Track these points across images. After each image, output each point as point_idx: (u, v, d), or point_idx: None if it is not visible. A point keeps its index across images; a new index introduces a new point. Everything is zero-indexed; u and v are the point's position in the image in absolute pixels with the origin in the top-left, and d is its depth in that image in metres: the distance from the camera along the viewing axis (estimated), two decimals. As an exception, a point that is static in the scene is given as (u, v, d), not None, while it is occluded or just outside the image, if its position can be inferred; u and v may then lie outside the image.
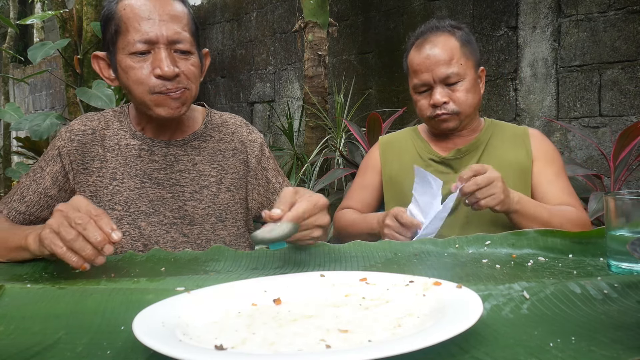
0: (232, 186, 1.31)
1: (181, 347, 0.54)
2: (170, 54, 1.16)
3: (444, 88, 1.39)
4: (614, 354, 0.53)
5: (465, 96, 1.39)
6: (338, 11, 4.17)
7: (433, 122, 1.44)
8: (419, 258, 0.99)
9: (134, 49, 1.14)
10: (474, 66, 1.43)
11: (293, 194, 0.94)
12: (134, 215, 1.24)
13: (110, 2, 1.20)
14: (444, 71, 1.37)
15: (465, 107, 1.40)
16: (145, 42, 1.14)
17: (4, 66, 8.50)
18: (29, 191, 1.26)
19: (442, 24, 1.44)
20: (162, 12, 1.15)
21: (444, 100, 1.38)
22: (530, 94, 3.07)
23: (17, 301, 0.78)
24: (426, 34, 1.43)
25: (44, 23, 9.41)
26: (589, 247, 0.97)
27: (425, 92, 1.42)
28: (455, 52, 1.39)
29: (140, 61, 1.15)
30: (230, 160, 1.33)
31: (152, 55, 1.15)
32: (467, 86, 1.40)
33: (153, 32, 1.14)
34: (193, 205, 1.27)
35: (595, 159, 2.82)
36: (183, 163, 1.29)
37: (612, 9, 2.74)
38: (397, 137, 1.61)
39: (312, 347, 0.56)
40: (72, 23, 3.89)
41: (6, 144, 6.40)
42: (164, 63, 1.14)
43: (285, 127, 4.15)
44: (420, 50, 1.41)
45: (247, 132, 1.38)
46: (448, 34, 1.41)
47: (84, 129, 1.29)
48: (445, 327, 0.55)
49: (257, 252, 1.09)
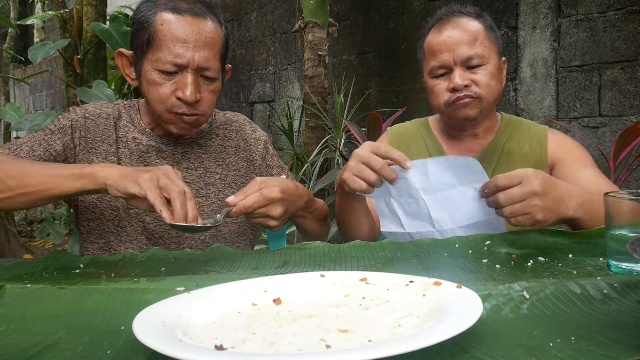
0: (234, 183, 1.33)
1: (181, 347, 0.54)
2: (196, 79, 1.16)
3: (465, 71, 1.25)
4: (614, 353, 0.53)
5: (489, 80, 1.25)
6: (338, 11, 4.17)
7: (450, 109, 1.28)
8: (419, 258, 0.99)
9: (162, 68, 1.14)
10: (497, 53, 1.30)
11: (258, 183, 1.05)
12: (138, 209, 1.23)
13: (147, 9, 1.18)
14: (466, 51, 1.24)
15: (487, 91, 1.25)
16: (176, 65, 1.14)
17: (4, 66, 8.50)
18: (40, 147, 1.20)
19: (465, 8, 1.32)
20: (198, 37, 1.14)
21: (465, 83, 1.24)
22: (530, 94, 3.07)
23: (17, 301, 0.78)
24: (448, 15, 1.30)
25: (44, 23, 9.42)
26: (589, 247, 0.97)
27: (443, 77, 1.28)
28: (480, 33, 1.26)
29: (166, 80, 1.16)
30: (233, 157, 1.35)
31: (178, 76, 1.15)
32: (490, 70, 1.26)
33: (186, 57, 1.13)
34: (199, 202, 1.28)
35: (595, 159, 2.82)
36: (190, 160, 1.30)
37: (612, 9, 2.74)
38: (407, 129, 1.48)
39: (312, 347, 0.56)
40: (72, 23, 3.88)
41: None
42: (187, 89, 1.14)
43: (285, 127, 4.15)
44: (441, 31, 1.28)
45: (250, 130, 1.39)
46: (473, 17, 1.29)
47: (99, 112, 1.29)
48: (445, 327, 0.55)
49: (257, 252, 1.09)
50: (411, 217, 1.12)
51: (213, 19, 1.19)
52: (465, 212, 1.08)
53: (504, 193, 0.97)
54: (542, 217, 0.97)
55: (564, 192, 1.01)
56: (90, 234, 1.26)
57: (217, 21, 1.20)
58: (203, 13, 1.17)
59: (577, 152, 1.33)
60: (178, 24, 1.14)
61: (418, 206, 1.10)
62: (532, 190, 0.96)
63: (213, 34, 1.17)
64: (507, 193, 0.97)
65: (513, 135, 1.36)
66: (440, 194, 1.08)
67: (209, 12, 1.18)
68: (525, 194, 0.96)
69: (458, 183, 1.06)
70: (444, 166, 1.06)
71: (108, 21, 3.58)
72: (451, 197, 1.07)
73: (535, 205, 0.97)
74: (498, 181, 0.99)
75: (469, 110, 1.27)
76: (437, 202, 1.09)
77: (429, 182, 1.07)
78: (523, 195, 0.96)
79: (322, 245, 1.09)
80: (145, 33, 1.16)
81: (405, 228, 1.13)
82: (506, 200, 0.97)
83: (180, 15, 1.15)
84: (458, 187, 1.06)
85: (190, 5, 1.16)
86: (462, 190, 1.06)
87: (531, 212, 0.97)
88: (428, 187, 1.08)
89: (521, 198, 0.96)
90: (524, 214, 0.97)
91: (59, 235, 3.96)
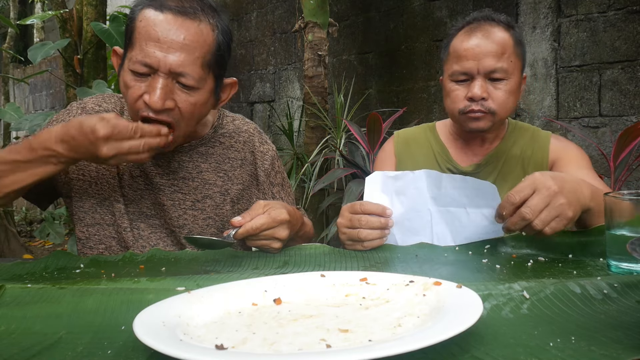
0: (236, 197, 1.27)
1: (182, 346, 0.54)
2: (168, 84, 1.04)
3: (486, 82, 1.25)
4: (614, 353, 0.53)
5: (507, 98, 1.26)
6: (338, 11, 4.17)
7: (463, 117, 1.28)
8: (419, 258, 0.99)
9: (133, 68, 1.04)
10: (520, 69, 1.30)
11: (262, 206, 1.04)
12: (134, 215, 1.22)
13: (137, 4, 1.09)
14: (492, 64, 1.23)
15: (502, 109, 1.26)
16: (145, 65, 1.03)
17: (4, 66, 8.50)
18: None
19: (497, 16, 1.29)
20: (175, 38, 1.03)
21: (483, 95, 1.24)
22: (530, 94, 3.07)
23: (18, 301, 0.78)
24: (480, 21, 1.28)
25: (44, 23, 9.41)
26: (589, 247, 0.97)
27: (463, 83, 1.27)
28: (508, 47, 1.25)
29: (138, 81, 1.05)
30: (238, 170, 1.28)
31: (149, 79, 1.04)
32: (510, 87, 1.26)
33: (155, 57, 1.02)
34: (194, 214, 1.23)
35: (596, 159, 2.82)
36: (187, 170, 1.23)
37: (612, 9, 2.74)
38: (414, 134, 1.47)
39: (313, 346, 0.56)
40: (72, 23, 3.88)
41: (6, 144, 6.40)
42: (155, 93, 1.02)
43: (285, 127, 4.15)
44: (470, 36, 1.26)
45: (259, 143, 1.31)
46: (504, 27, 1.27)
47: (98, 109, 1.23)
48: (445, 327, 0.55)
49: (257, 252, 1.09)
50: (409, 234, 1.10)
51: (205, 21, 1.06)
52: (468, 234, 1.07)
53: (526, 207, 0.92)
54: (572, 213, 0.92)
55: (573, 182, 0.96)
56: (89, 240, 1.22)
57: (211, 24, 1.07)
58: (193, 13, 1.05)
59: (576, 154, 1.34)
60: (156, 21, 1.03)
61: (420, 219, 1.10)
62: (552, 191, 0.92)
63: (196, 37, 1.04)
64: (529, 206, 0.92)
65: (518, 141, 1.38)
66: (448, 209, 1.08)
67: (202, 13, 1.06)
68: (546, 198, 0.91)
69: (468, 204, 1.05)
70: (459, 184, 1.05)
71: (108, 21, 3.57)
72: (458, 215, 1.07)
73: (561, 205, 0.91)
74: (512, 198, 0.93)
75: (480, 123, 1.27)
76: (443, 216, 1.08)
77: (440, 194, 1.08)
78: (545, 200, 0.91)
79: (322, 245, 1.09)
80: (129, 29, 1.08)
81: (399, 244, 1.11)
82: (532, 212, 0.91)
83: (162, 13, 1.03)
84: (467, 209, 1.05)
85: (180, 3, 1.05)
86: (470, 212, 1.05)
87: (561, 213, 0.91)
88: (438, 198, 1.08)
89: (545, 204, 0.91)
90: (554, 217, 0.92)
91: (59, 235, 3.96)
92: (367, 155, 2.99)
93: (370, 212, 1.05)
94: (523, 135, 1.39)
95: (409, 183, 1.09)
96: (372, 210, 1.05)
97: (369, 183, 1.10)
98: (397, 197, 1.10)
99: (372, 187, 1.10)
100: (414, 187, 1.09)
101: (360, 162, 3.03)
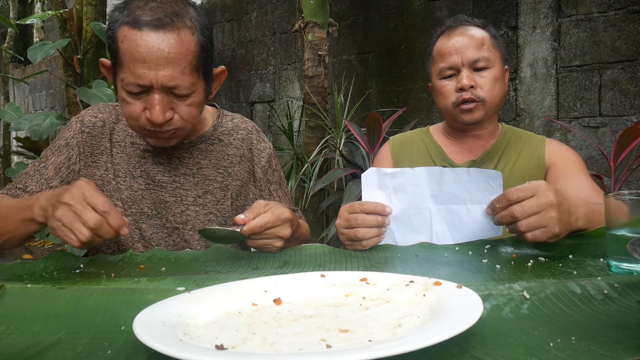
0: (235, 193, 1.29)
1: (182, 346, 0.54)
2: (164, 98, 1.08)
3: (472, 73, 1.34)
4: (614, 353, 0.53)
5: (493, 84, 1.34)
6: (338, 11, 4.17)
7: (457, 110, 1.36)
8: (419, 258, 0.99)
9: (127, 89, 1.08)
10: (501, 60, 1.39)
11: (263, 205, 1.04)
12: (135, 216, 1.23)
13: (114, 20, 1.10)
14: (474, 54, 1.33)
15: (491, 95, 1.34)
16: (139, 85, 1.07)
17: (4, 66, 8.50)
18: (32, 181, 1.22)
19: (471, 19, 1.42)
20: (159, 55, 1.04)
21: (471, 84, 1.32)
22: (530, 94, 3.07)
23: (18, 301, 0.78)
24: (456, 24, 1.41)
25: (44, 23, 9.41)
26: (589, 247, 0.97)
27: (451, 78, 1.36)
28: (486, 40, 1.36)
29: (135, 99, 1.09)
30: (237, 166, 1.31)
31: (145, 96, 1.08)
32: (494, 74, 1.35)
33: (148, 78, 1.05)
34: (195, 210, 1.25)
35: (596, 159, 2.82)
36: (188, 166, 1.26)
37: (612, 9, 2.74)
38: (409, 137, 1.54)
39: (313, 346, 0.56)
40: (72, 23, 3.88)
41: (6, 144, 6.40)
42: (155, 110, 1.07)
43: (285, 127, 4.15)
44: (450, 36, 1.38)
45: (256, 140, 1.35)
46: (480, 26, 1.39)
47: (95, 121, 1.27)
48: (445, 327, 0.55)
49: (257, 252, 1.09)
50: (409, 232, 1.10)
51: (183, 27, 1.07)
52: (467, 231, 1.07)
53: (519, 205, 0.93)
54: (559, 229, 0.92)
55: (571, 203, 0.97)
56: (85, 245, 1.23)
57: (189, 28, 1.08)
58: (167, 24, 1.05)
59: (572, 158, 1.37)
60: (137, 41, 1.04)
61: (420, 217, 1.10)
62: (549, 201, 0.92)
63: (178, 48, 1.05)
64: (522, 205, 0.93)
65: (512, 143, 1.42)
66: (448, 207, 1.08)
67: (178, 18, 1.07)
68: (540, 205, 0.92)
69: (469, 200, 1.05)
70: (462, 178, 1.05)
71: (108, 21, 3.57)
72: (458, 213, 1.07)
73: (552, 217, 0.92)
74: (510, 194, 0.95)
75: (474, 114, 1.35)
76: (443, 214, 1.08)
77: (441, 191, 1.08)
78: (539, 207, 0.92)
79: (322, 245, 1.09)
80: (112, 49, 1.10)
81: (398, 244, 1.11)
82: (522, 212, 0.93)
83: (140, 31, 1.04)
84: (468, 205, 1.06)
85: (154, 16, 1.05)
86: (470, 209, 1.06)
87: (548, 225, 0.92)
88: (438, 196, 1.08)
89: (537, 210, 0.92)
90: (540, 227, 0.92)
91: (59, 235, 3.95)
92: (367, 155, 2.99)
93: (370, 211, 1.06)
94: (518, 140, 1.43)
95: (408, 180, 1.09)
96: (372, 209, 1.06)
97: (365, 179, 1.10)
98: (395, 194, 1.10)
99: (368, 184, 1.10)
100: (413, 184, 1.09)
101: (360, 162, 3.03)
